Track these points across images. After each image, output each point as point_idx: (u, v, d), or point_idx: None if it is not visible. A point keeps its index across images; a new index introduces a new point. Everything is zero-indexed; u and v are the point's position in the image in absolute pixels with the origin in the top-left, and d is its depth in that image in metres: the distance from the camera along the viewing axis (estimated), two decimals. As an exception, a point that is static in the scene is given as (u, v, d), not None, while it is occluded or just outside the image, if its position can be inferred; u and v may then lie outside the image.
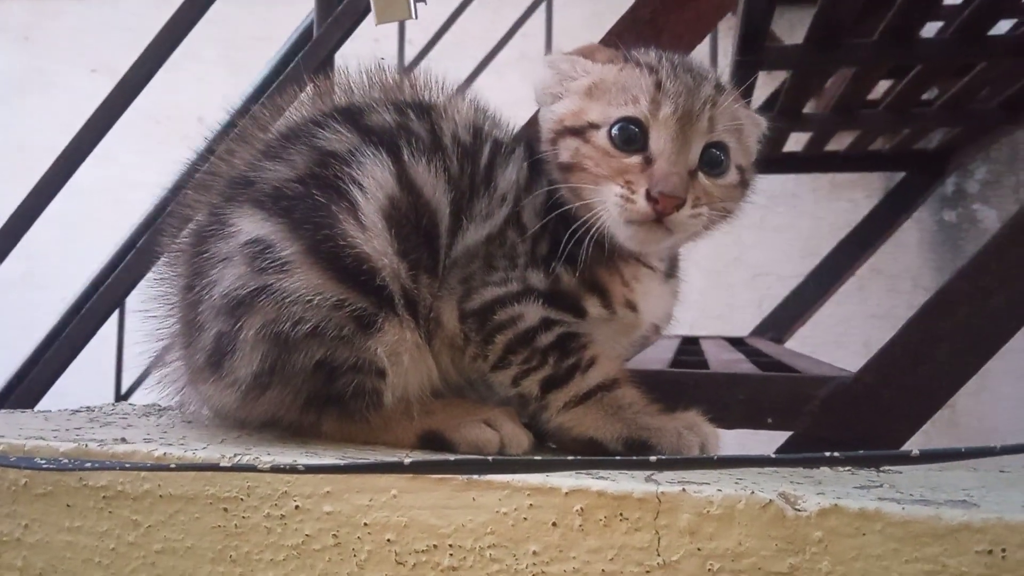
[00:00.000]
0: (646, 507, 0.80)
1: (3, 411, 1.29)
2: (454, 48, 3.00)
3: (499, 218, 1.02)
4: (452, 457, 0.89)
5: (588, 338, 0.99)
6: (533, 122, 1.29)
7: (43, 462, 0.86)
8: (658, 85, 0.99)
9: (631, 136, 0.99)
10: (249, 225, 0.97)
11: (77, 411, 1.25)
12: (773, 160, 2.74)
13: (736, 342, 2.61)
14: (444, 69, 1.15)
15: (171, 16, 1.80)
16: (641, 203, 0.96)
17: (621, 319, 1.03)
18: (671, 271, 1.11)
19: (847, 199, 4.04)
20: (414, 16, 1.04)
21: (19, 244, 2.02)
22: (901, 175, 3.13)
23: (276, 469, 0.81)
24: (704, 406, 1.04)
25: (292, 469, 0.81)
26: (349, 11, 1.56)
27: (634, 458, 0.87)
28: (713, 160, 1.01)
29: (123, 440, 0.95)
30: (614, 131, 0.99)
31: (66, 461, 0.87)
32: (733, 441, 1.08)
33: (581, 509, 0.81)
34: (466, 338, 0.99)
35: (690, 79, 1.01)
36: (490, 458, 0.80)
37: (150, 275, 1.11)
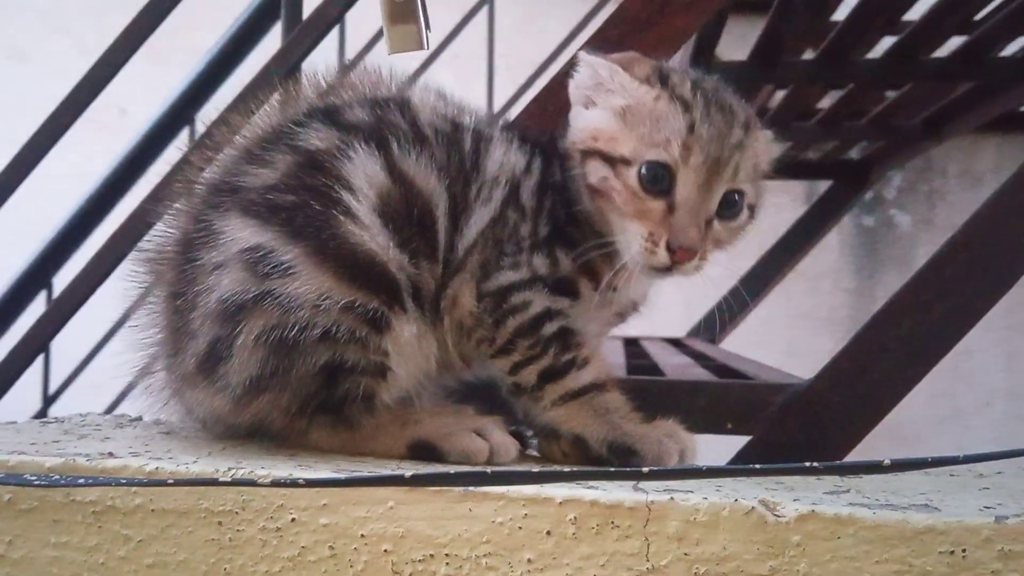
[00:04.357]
0: (636, 515, 0.84)
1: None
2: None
3: (497, 201, 1.05)
4: (452, 470, 0.92)
5: (583, 337, 1.03)
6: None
7: (34, 478, 0.85)
8: (691, 127, 1.00)
9: (658, 178, 1.00)
10: (242, 233, 0.97)
11: (47, 422, 1.23)
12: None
13: (675, 343, 2.69)
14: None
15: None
16: (662, 254, 1.00)
17: (605, 298, 1.07)
18: None
19: (771, 203, 4.15)
20: (426, 47, 1.05)
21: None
22: (826, 183, 3.28)
23: (277, 483, 0.83)
24: (668, 412, 1.10)
25: (293, 483, 0.83)
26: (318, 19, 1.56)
27: (627, 469, 0.92)
28: (729, 204, 1.04)
29: (110, 454, 0.95)
30: (643, 171, 1.01)
31: (57, 477, 0.86)
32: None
33: (575, 518, 0.85)
34: (478, 319, 1.02)
35: (722, 120, 1.02)
36: (488, 470, 0.83)
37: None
